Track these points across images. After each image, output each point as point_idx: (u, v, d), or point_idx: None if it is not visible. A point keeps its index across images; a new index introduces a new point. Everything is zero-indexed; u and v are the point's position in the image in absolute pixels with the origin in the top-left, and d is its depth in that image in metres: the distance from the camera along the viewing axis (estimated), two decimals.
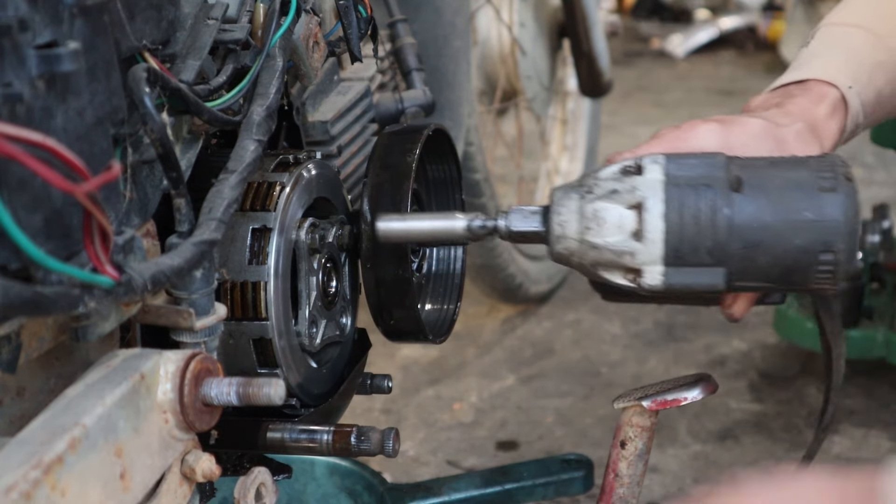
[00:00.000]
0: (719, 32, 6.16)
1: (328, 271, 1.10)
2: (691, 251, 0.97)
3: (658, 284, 0.98)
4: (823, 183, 0.99)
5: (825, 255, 0.97)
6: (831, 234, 0.97)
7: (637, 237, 0.98)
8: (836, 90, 1.20)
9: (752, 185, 0.99)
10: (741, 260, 0.98)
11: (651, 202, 0.98)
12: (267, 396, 0.83)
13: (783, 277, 0.99)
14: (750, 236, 0.98)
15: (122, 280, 0.73)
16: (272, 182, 1.01)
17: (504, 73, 2.68)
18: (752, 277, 0.99)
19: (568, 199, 1.02)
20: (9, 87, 0.67)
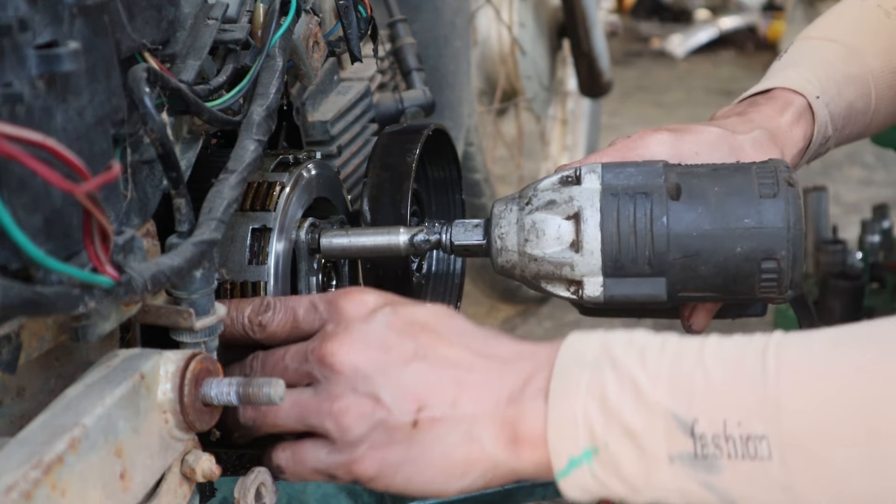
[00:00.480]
0: (719, 32, 6.16)
1: (328, 271, 1.10)
2: (630, 261, 0.96)
3: (598, 296, 0.97)
4: (764, 189, 0.97)
5: (768, 263, 0.96)
6: (772, 242, 0.96)
7: (575, 248, 0.97)
8: (801, 98, 1.19)
9: (691, 193, 0.97)
10: (682, 269, 0.96)
11: (588, 212, 0.97)
12: (267, 396, 0.83)
13: (727, 286, 0.97)
14: (689, 245, 0.96)
15: (122, 280, 0.73)
16: (272, 182, 1.01)
17: (504, 73, 2.68)
18: (694, 287, 0.98)
19: (507, 211, 1.02)
20: (9, 87, 0.67)
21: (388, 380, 0.86)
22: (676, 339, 0.85)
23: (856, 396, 0.76)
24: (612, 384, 0.82)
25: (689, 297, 0.99)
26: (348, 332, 0.88)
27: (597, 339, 0.85)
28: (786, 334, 0.82)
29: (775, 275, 0.96)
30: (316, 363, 0.88)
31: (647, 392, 0.81)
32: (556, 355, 0.85)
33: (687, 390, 0.80)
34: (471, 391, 0.86)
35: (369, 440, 0.87)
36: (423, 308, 0.91)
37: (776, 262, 0.96)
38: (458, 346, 0.88)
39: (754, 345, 0.81)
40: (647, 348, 0.83)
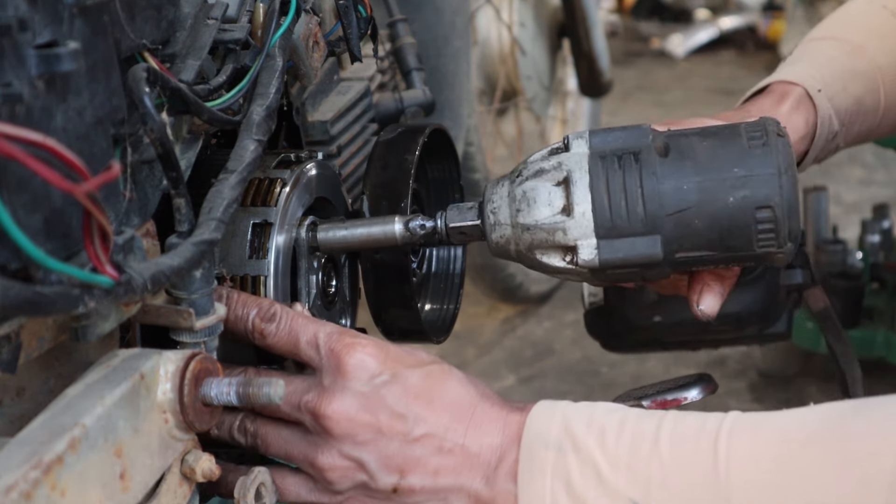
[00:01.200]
0: (719, 32, 6.16)
1: (328, 271, 1.10)
2: (622, 220, 0.95)
3: (593, 259, 0.96)
4: (753, 141, 0.96)
5: (762, 212, 0.94)
6: (765, 189, 0.94)
7: (567, 212, 0.96)
8: (799, 88, 1.20)
9: (680, 150, 0.97)
10: (676, 226, 0.95)
11: (577, 175, 0.96)
12: (267, 396, 0.83)
13: (723, 241, 0.95)
14: (681, 199, 0.95)
15: (121, 280, 0.73)
16: (273, 179, 1.01)
17: (504, 73, 2.68)
18: (691, 244, 0.96)
19: (499, 186, 1.01)
20: (9, 87, 0.67)
21: (376, 448, 0.90)
22: (635, 417, 0.89)
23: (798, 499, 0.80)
24: (575, 468, 0.87)
25: (687, 257, 0.97)
26: (343, 395, 0.91)
27: (559, 417, 0.90)
28: (738, 419, 0.85)
29: (771, 224, 0.94)
30: (308, 415, 0.91)
31: (608, 478, 0.85)
32: (523, 431, 0.90)
33: (644, 480, 0.85)
34: (451, 465, 0.91)
35: (350, 494, 0.92)
36: (422, 373, 0.93)
37: (771, 210, 0.94)
38: (447, 419, 0.91)
39: (707, 433, 0.85)
40: (606, 430, 0.87)
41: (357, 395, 0.91)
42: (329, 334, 0.93)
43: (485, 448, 0.91)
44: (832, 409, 0.84)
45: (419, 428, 0.91)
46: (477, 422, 0.92)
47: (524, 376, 2.37)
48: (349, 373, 0.91)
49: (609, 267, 0.96)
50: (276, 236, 0.99)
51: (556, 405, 0.91)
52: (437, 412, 0.91)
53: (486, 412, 0.92)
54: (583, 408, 0.90)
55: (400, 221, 1.04)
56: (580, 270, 0.98)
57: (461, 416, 0.92)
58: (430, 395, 0.92)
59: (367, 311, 1.13)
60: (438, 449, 0.91)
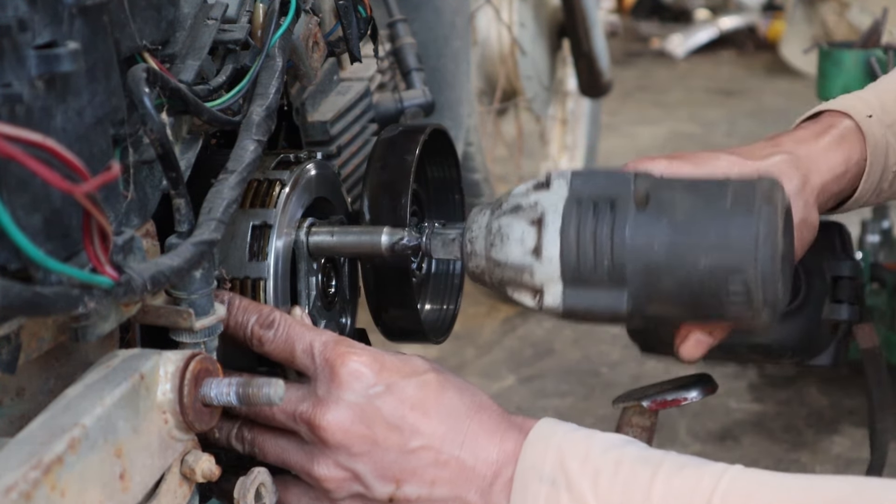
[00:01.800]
0: (719, 32, 6.16)
1: (328, 271, 1.10)
2: (589, 270, 0.93)
3: (557, 305, 0.94)
4: (737, 205, 0.91)
5: (735, 283, 0.90)
6: (738, 258, 0.90)
7: (536, 254, 0.95)
8: (849, 119, 1.11)
9: (659, 204, 0.93)
10: (643, 283, 0.92)
11: (550, 217, 0.94)
12: (266, 397, 0.83)
13: (693, 304, 0.92)
14: (649, 257, 0.92)
15: (121, 280, 0.73)
16: (272, 180, 1.01)
17: (504, 73, 2.68)
18: (659, 303, 0.93)
19: (480, 215, 1.00)
20: (8, 88, 0.67)
21: (371, 460, 0.91)
22: (631, 461, 0.87)
23: None
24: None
25: (657, 315, 0.94)
26: (338, 406, 0.91)
27: (554, 449, 0.89)
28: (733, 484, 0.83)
29: (743, 296, 0.90)
30: (304, 426, 0.91)
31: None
32: (519, 455, 0.89)
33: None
34: (448, 476, 0.91)
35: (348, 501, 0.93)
36: (418, 382, 0.93)
37: (743, 279, 0.90)
38: (443, 430, 0.91)
39: (701, 495, 0.83)
40: (601, 472, 0.87)
41: (352, 406, 0.91)
42: (324, 343, 0.93)
43: (480, 461, 0.91)
44: (831, 489, 0.82)
45: (415, 440, 0.91)
46: (474, 434, 0.91)
47: (524, 376, 2.37)
48: (344, 383, 0.91)
49: (574, 315, 0.95)
50: (276, 239, 0.99)
51: (554, 434, 0.90)
52: (433, 423, 0.91)
53: (483, 424, 0.92)
54: (580, 442, 0.89)
55: (387, 235, 1.04)
56: (544, 312, 0.96)
57: (457, 428, 0.91)
58: (425, 405, 0.92)
59: (367, 311, 1.13)
60: (435, 460, 0.91)
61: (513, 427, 0.92)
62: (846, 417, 2.16)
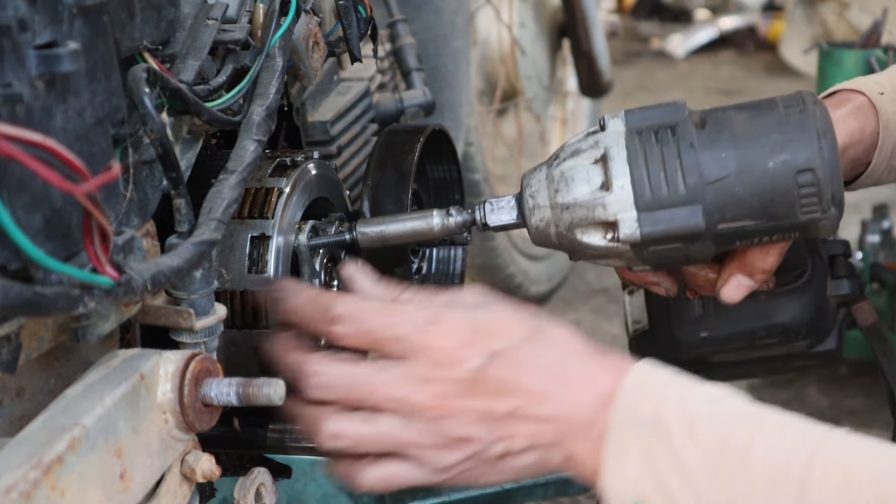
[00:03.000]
0: (719, 32, 6.16)
1: (329, 271, 1.10)
2: (662, 192, 0.95)
3: (634, 232, 0.95)
4: (790, 109, 0.96)
5: (804, 176, 0.93)
6: (805, 151, 0.93)
7: (606, 187, 0.96)
8: (862, 96, 1.16)
9: (716, 122, 0.97)
10: (716, 195, 0.94)
11: (614, 151, 0.96)
12: (267, 397, 0.83)
13: (766, 209, 0.95)
14: (719, 167, 0.94)
15: (121, 280, 0.73)
16: (270, 188, 1.01)
17: (504, 73, 2.68)
18: (732, 214, 0.95)
19: (537, 171, 1.02)
20: (9, 88, 0.67)
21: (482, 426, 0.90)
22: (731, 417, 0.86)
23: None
24: (660, 455, 0.85)
25: (729, 228, 0.96)
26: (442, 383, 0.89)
27: (650, 397, 0.87)
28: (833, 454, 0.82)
29: (813, 188, 0.93)
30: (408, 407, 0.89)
31: (692, 475, 0.84)
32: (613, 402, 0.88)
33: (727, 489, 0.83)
34: (551, 428, 0.90)
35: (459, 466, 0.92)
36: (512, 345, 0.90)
37: (812, 174, 0.93)
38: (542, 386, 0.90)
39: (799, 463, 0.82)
40: (697, 426, 0.85)
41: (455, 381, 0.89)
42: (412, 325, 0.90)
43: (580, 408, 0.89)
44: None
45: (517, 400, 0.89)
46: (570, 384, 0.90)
47: None
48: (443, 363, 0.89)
49: (651, 241, 0.96)
50: (275, 249, 0.98)
51: (649, 380, 0.89)
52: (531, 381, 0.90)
53: (579, 372, 0.90)
54: (677, 391, 0.88)
55: (438, 216, 1.04)
56: (622, 249, 0.97)
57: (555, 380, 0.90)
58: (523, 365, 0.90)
59: None
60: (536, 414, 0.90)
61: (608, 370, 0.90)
62: (846, 417, 2.16)
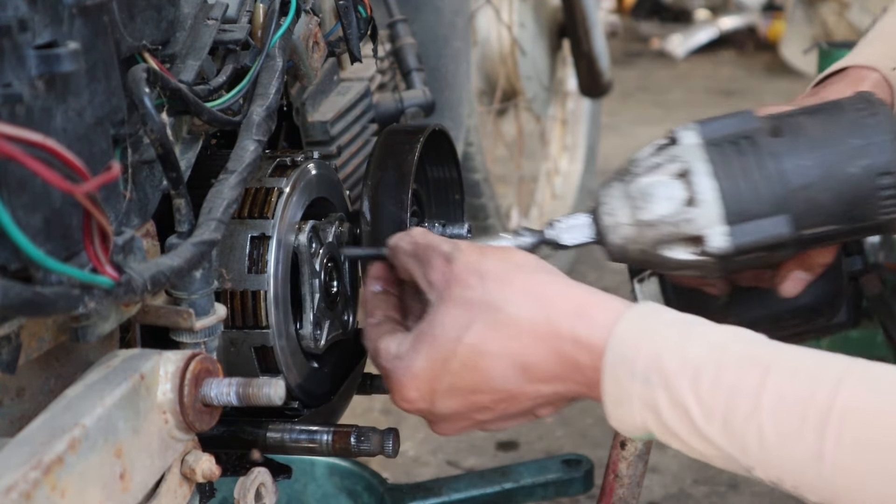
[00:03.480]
0: (719, 32, 6.15)
1: (329, 271, 1.10)
2: (749, 203, 0.95)
3: (726, 245, 0.95)
4: (860, 112, 0.97)
5: (884, 179, 0.96)
6: (884, 155, 0.96)
7: (691, 203, 0.96)
8: (876, 73, 1.17)
9: (791, 129, 0.98)
10: (802, 202, 0.96)
11: (696, 165, 0.96)
12: (267, 397, 0.83)
13: (848, 213, 0.97)
14: (804, 175, 0.96)
15: (121, 280, 0.73)
16: (270, 188, 1.01)
17: (504, 74, 2.68)
18: (817, 220, 0.97)
19: (610, 188, 1.01)
20: (8, 88, 0.67)
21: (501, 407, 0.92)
22: (735, 364, 0.81)
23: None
24: (665, 406, 0.82)
25: (813, 234, 0.97)
26: None
27: (646, 346, 0.84)
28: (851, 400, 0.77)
29: (893, 190, 0.96)
30: None
31: (701, 427, 0.81)
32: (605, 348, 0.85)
33: (741, 440, 0.79)
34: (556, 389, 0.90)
35: None
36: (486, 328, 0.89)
37: (892, 176, 0.95)
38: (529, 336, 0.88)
39: (815, 410, 0.77)
40: (701, 372, 0.81)
41: None
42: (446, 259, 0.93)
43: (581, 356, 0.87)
44: None
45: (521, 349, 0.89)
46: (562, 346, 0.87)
47: None
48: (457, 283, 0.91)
49: (741, 252, 0.96)
50: (275, 249, 0.98)
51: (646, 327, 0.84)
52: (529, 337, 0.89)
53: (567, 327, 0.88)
54: (676, 337, 0.83)
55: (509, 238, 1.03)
56: (707, 261, 0.97)
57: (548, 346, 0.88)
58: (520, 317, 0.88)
59: None
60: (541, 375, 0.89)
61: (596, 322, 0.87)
62: None
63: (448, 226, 1.20)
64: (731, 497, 1.98)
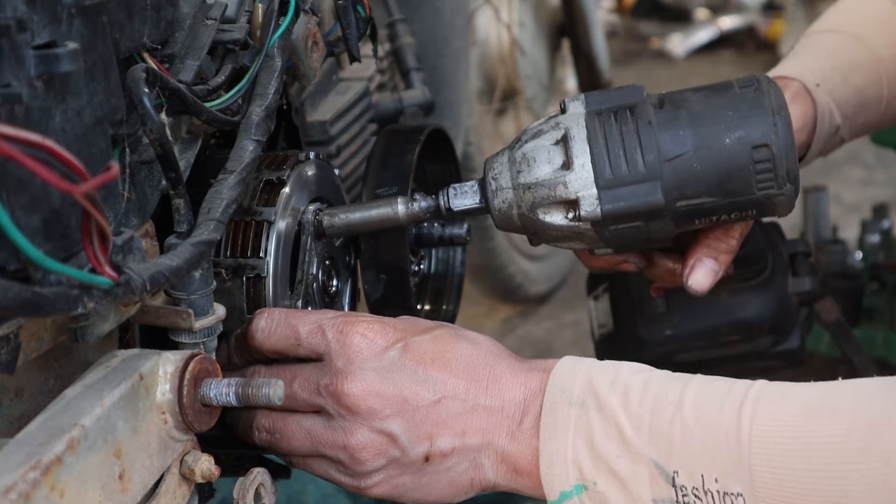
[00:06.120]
0: (719, 32, 6.16)
1: (328, 270, 1.10)
2: (621, 169, 0.96)
3: (595, 209, 0.97)
4: (745, 89, 0.98)
5: (760, 152, 0.96)
6: (760, 128, 0.96)
7: (567, 166, 0.98)
8: (796, 82, 1.20)
9: (673, 102, 0.99)
10: (675, 171, 0.96)
11: (574, 131, 0.98)
12: (266, 397, 0.83)
13: (723, 185, 0.97)
14: (677, 144, 0.96)
15: (120, 280, 0.73)
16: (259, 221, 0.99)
17: (503, 73, 2.68)
18: (691, 190, 0.97)
19: (499, 155, 1.03)
20: (7, 88, 0.67)
21: (404, 419, 0.90)
22: (660, 379, 0.88)
23: (822, 473, 0.79)
24: (597, 427, 0.86)
25: (688, 205, 0.98)
26: (362, 373, 0.90)
27: (583, 374, 0.89)
28: (764, 388, 0.84)
29: (769, 163, 0.96)
30: (330, 399, 0.91)
31: (630, 439, 0.85)
32: (546, 386, 0.89)
33: (667, 442, 0.84)
34: (477, 424, 0.91)
35: (383, 472, 0.92)
36: (431, 338, 0.93)
37: (767, 149, 0.95)
38: (466, 379, 0.92)
39: (732, 399, 0.83)
40: (630, 390, 0.87)
41: (374, 370, 0.90)
42: (332, 318, 0.93)
43: (507, 403, 0.91)
44: (861, 385, 0.83)
45: (440, 390, 0.91)
46: (496, 378, 0.92)
47: None
48: (362, 350, 0.91)
49: (611, 218, 0.97)
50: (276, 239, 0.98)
51: (581, 361, 0.91)
52: (454, 374, 0.91)
53: (504, 369, 0.92)
54: (607, 366, 0.90)
55: (403, 203, 1.04)
56: (583, 228, 0.98)
57: (478, 375, 0.92)
58: (444, 358, 0.92)
59: None
60: (461, 409, 0.91)
61: (534, 368, 0.93)
62: None
63: (447, 226, 1.20)
64: None
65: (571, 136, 0.98)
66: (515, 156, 1.00)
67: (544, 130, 1.00)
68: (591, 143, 0.97)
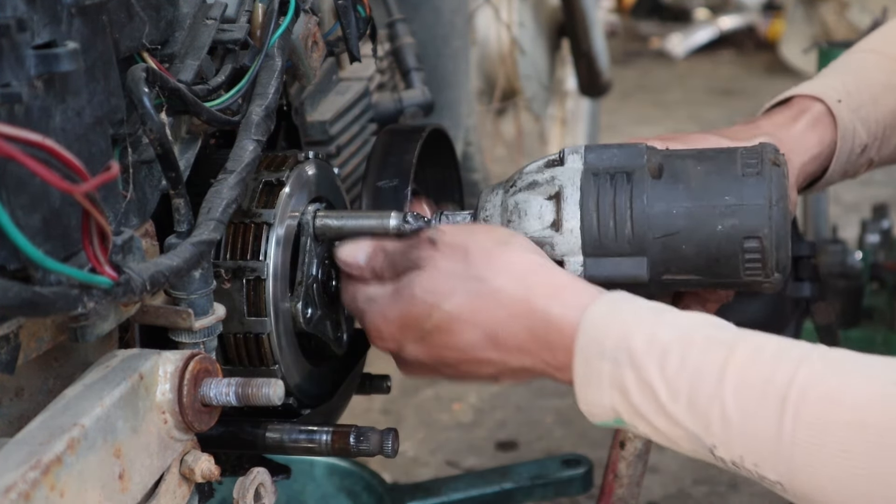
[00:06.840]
0: (719, 32, 6.16)
1: (328, 270, 1.10)
2: (610, 240, 0.96)
3: (578, 274, 0.96)
4: (747, 169, 0.96)
5: (750, 242, 0.94)
6: (754, 219, 0.94)
7: (556, 227, 0.97)
8: (821, 104, 1.16)
9: (673, 172, 0.97)
10: (663, 249, 0.95)
11: (568, 191, 0.97)
12: (266, 397, 0.83)
13: (710, 267, 0.96)
14: (669, 223, 0.95)
15: (120, 280, 0.73)
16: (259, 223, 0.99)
17: (503, 73, 2.68)
18: (678, 268, 0.96)
19: (493, 194, 1.02)
20: (7, 88, 0.67)
21: None
22: (701, 345, 0.85)
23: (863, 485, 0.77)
24: (632, 385, 0.85)
25: (673, 280, 0.97)
26: None
27: (616, 328, 0.87)
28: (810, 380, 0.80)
29: (758, 254, 0.94)
30: None
31: (666, 405, 0.84)
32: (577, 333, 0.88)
33: (704, 418, 0.83)
34: None
35: None
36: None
37: (759, 241, 0.94)
38: None
39: (775, 389, 0.80)
40: (668, 355, 0.84)
41: None
42: None
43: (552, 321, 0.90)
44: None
45: None
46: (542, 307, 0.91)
47: None
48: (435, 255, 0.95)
49: (594, 283, 0.95)
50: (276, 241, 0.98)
51: (616, 310, 0.88)
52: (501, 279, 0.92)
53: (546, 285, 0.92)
54: (646, 319, 0.87)
55: (395, 219, 1.03)
56: None
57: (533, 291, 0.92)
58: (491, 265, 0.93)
59: None
60: None
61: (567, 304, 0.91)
62: None
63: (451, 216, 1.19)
64: (731, 497, 1.98)
65: (564, 197, 0.97)
66: (508, 203, 1.00)
67: (539, 182, 0.99)
68: (583, 208, 0.96)
